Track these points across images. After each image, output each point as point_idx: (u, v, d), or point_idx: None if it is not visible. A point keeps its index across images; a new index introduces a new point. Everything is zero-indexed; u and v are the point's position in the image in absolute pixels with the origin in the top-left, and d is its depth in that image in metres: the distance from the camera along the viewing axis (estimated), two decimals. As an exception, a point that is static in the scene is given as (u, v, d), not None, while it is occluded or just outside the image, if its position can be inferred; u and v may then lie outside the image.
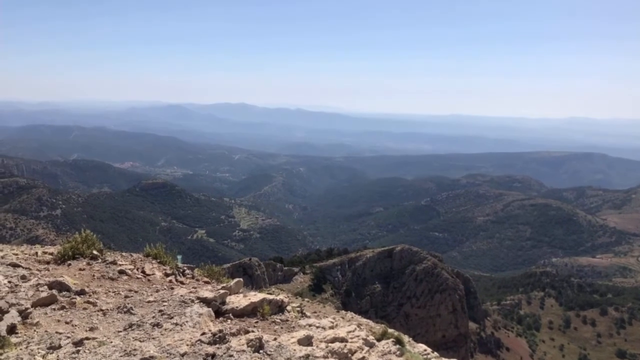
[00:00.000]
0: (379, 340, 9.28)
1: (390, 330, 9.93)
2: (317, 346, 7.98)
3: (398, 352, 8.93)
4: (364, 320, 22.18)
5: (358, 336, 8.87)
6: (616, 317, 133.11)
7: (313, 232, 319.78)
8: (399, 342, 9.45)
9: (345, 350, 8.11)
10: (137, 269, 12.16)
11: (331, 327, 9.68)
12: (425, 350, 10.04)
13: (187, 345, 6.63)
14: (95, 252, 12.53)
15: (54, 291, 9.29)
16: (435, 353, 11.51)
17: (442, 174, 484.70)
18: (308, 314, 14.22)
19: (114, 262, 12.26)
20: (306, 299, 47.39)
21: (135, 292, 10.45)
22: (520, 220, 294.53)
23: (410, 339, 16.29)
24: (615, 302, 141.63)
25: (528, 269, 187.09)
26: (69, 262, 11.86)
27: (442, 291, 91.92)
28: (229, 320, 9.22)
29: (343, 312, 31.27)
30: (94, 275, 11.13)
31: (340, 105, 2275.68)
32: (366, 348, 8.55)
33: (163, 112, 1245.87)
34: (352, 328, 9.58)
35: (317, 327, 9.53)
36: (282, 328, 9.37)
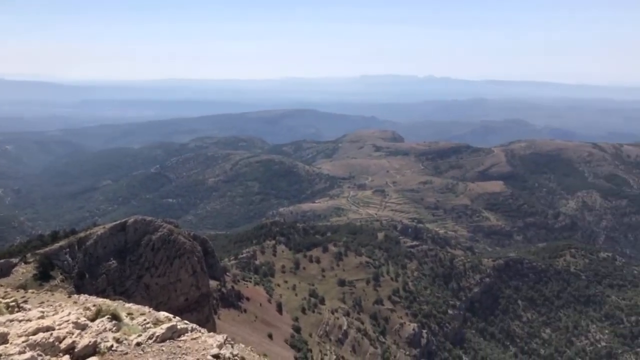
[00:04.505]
0: (93, 320, 8.89)
1: (105, 308, 9.57)
2: (12, 342, 7.24)
3: (114, 328, 8.71)
4: (99, 301, 21.29)
5: (68, 321, 8.34)
6: (335, 251, 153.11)
7: (32, 216, 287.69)
8: (115, 317, 9.21)
9: (52, 340, 7.56)
10: None
11: (40, 317, 8.90)
12: (143, 320, 9.99)
13: None
14: None
15: None
16: (177, 318, 11.56)
17: (169, 139, 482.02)
18: (28, 306, 12.96)
19: None
20: (31, 290, 43.16)
21: None
22: (248, 177, 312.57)
23: (151, 309, 16.13)
24: (334, 238, 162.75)
25: (259, 221, 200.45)
26: None
27: (180, 256, 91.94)
28: None
29: (76, 296, 29.48)
30: None
31: (51, 73, 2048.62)
32: (77, 331, 8.10)
33: None
34: (65, 313, 8.99)
35: (21, 321, 8.65)
36: (-26, 332, 8.21)
